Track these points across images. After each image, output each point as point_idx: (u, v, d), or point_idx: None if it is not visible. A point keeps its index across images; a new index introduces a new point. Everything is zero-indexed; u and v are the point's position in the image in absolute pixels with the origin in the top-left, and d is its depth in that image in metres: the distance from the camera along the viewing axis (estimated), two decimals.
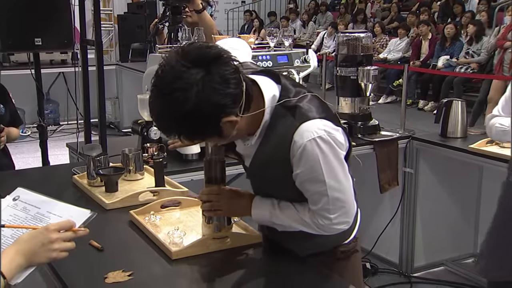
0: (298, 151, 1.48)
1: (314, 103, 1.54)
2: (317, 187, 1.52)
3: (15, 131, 3.09)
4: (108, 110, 7.37)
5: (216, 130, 1.43)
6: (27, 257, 1.26)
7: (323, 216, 1.55)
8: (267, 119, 1.53)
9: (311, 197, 1.56)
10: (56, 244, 1.28)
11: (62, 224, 1.30)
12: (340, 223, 1.57)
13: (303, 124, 1.48)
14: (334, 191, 1.52)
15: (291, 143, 1.48)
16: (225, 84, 1.38)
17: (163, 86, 1.40)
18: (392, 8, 11.64)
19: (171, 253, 1.66)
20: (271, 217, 1.65)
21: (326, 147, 1.48)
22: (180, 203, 2.07)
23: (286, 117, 1.51)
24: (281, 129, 1.51)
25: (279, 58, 3.03)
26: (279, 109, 1.52)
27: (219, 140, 1.53)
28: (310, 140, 1.47)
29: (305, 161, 1.49)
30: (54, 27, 3.31)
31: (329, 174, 1.50)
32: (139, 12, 9.46)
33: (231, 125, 1.44)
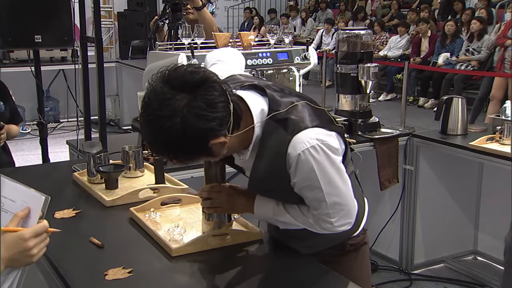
0: (293, 163, 1.49)
1: (304, 112, 1.53)
2: (315, 194, 1.53)
3: (15, 129, 3.09)
4: (108, 107, 7.36)
5: (205, 152, 1.44)
6: (7, 264, 1.28)
7: (324, 220, 1.57)
8: (259, 134, 1.53)
9: (311, 203, 1.58)
10: (34, 249, 1.29)
11: (37, 230, 1.30)
12: (342, 225, 1.59)
13: (295, 137, 1.48)
14: (332, 196, 1.53)
15: (285, 156, 1.49)
16: (211, 109, 1.38)
17: (149, 113, 1.41)
18: (393, 5, 11.63)
19: (171, 250, 1.66)
20: (274, 214, 1.65)
21: (319, 156, 1.48)
22: (180, 200, 2.07)
23: (278, 130, 1.51)
24: (274, 142, 1.52)
25: (279, 55, 3.03)
26: (270, 123, 1.52)
27: (211, 158, 1.55)
28: (303, 151, 1.47)
29: (300, 171, 1.50)
30: (54, 24, 3.31)
31: (324, 181, 1.51)
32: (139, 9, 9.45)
33: (221, 145, 1.44)
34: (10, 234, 1.28)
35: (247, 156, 1.58)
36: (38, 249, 1.30)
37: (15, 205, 1.33)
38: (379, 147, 3.34)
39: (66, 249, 1.72)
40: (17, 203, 1.33)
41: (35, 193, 1.33)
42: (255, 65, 2.96)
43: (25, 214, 1.31)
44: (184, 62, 2.73)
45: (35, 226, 1.30)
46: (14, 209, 1.32)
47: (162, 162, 2.28)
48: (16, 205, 1.33)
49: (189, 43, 2.78)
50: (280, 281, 1.59)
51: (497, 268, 3.47)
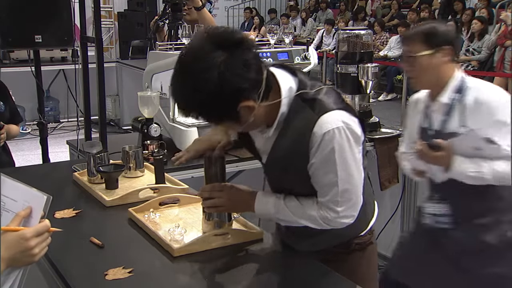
0: (316, 143, 1.51)
1: (331, 95, 1.57)
2: (329, 178, 1.54)
3: (15, 129, 3.09)
4: (108, 107, 7.37)
5: (233, 114, 1.45)
6: (8, 264, 1.27)
7: (330, 208, 1.58)
8: (285, 111, 1.55)
9: (322, 189, 1.58)
10: (36, 249, 1.29)
11: (39, 229, 1.30)
12: (346, 217, 1.59)
13: (322, 117, 1.51)
14: (345, 183, 1.55)
15: (310, 135, 1.51)
16: (246, 69, 1.41)
17: (186, 67, 1.43)
18: (393, 5, 11.64)
19: (173, 250, 1.66)
20: (275, 212, 1.65)
21: (341, 139, 1.51)
22: (179, 200, 2.07)
23: (305, 110, 1.53)
24: (300, 122, 1.54)
25: (279, 55, 3.03)
26: (297, 101, 1.55)
27: (236, 126, 1.54)
28: (328, 131, 1.49)
29: (321, 151, 1.51)
30: (54, 24, 3.31)
31: (341, 165, 1.53)
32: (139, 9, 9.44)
33: (249, 111, 1.45)
34: (12, 233, 1.28)
35: (270, 132, 1.58)
36: (39, 248, 1.30)
37: (17, 204, 1.33)
38: (379, 147, 3.34)
39: (66, 249, 1.72)
40: (18, 203, 1.33)
41: (37, 192, 1.33)
42: None
43: (27, 213, 1.31)
44: None
45: (36, 226, 1.30)
46: (16, 209, 1.32)
47: (162, 162, 2.28)
48: (17, 205, 1.33)
49: None
50: (282, 281, 1.60)
51: None
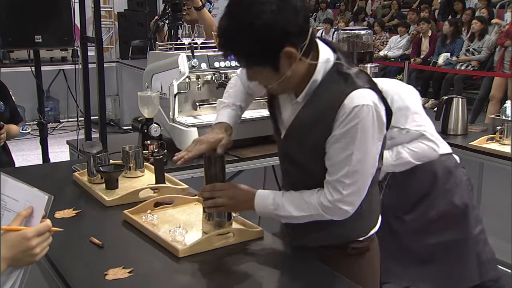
0: (344, 115, 1.50)
1: (363, 76, 1.59)
2: (344, 154, 1.53)
3: (15, 129, 3.09)
4: (108, 107, 7.37)
5: (276, 59, 1.47)
6: (9, 263, 1.28)
7: (336, 189, 1.56)
8: (317, 80, 1.56)
9: (333, 166, 1.56)
10: (37, 248, 1.29)
11: (40, 229, 1.30)
12: (348, 203, 1.57)
13: (354, 91, 1.51)
14: (357, 164, 1.53)
15: (339, 107, 1.51)
16: (297, 15, 1.45)
17: (240, 2, 1.48)
18: (393, 5, 11.64)
19: (178, 251, 1.66)
20: (275, 208, 1.65)
21: (368, 119, 1.51)
22: (173, 201, 2.06)
23: (338, 82, 1.54)
24: (330, 93, 1.54)
25: None
26: (331, 73, 1.56)
27: (273, 76, 1.53)
28: (358, 106, 1.50)
29: (345, 124, 1.51)
30: (54, 24, 3.31)
31: (360, 144, 1.52)
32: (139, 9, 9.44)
33: (289, 60, 1.48)
34: (13, 233, 1.28)
35: (301, 98, 1.59)
36: (40, 248, 1.30)
37: (18, 204, 1.33)
38: None
39: (66, 249, 1.72)
40: (20, 203, 1.34)
41: (38, 192, 1.33)
42: None
43: (28, 213, 1.31)
44: (184, 62, 2.74)
45: (38, 225, 1.31)
46: (17, 208, 1.33)
47: (162, 162, 2.28)
48: (19, 204, 1.33)
49: (189, 43, 2.78)
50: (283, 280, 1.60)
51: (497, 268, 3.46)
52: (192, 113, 2.93)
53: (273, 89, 1.62)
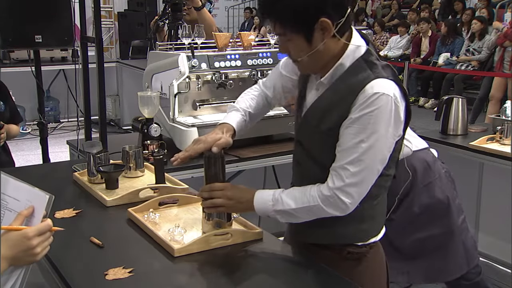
0: (362, 100, 1.51)
1: (390, 69, 1.60)
2: (354, 141, 1.52)
3: (15, 128, 3.09)
4: (108, 107, 7.37)
5: (311, 28, 1.51)
6: (10, 263, 1.28)
7: (338, 175, 1.55)
8: (344, 64, 1.58)
9: (341, 152, 1.55)
10: (38, 248, 1.29)
11: (41, 228, 1.30)
12: (347, 194, 1.55)
13: (378, 79, 1.52)
14: (365, 153, 1.52)
15: (360, 92, 1.52)
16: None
17: None
18: (393, 5, 11.64)
19: (174, 251, 1.66)
20: (273, 204, 1.64)
21: (386, 109, 1.51)
22: (178, 200, 2.07)
23: (364, 70, 1.56)
24: (354, 79, 1.55)
25: (279, 55, 3.03)
26: (359, 62, 1.57)
27: (304, 47, 1.55)
28: (378, 93, 1.50)
29: (362, 108, 1.51)
30: (55, 24, 3.32)
31: (372, 133, 1.51)
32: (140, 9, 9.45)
33: (322, 33, 1.51)
34: (14, 232, 1.28)
35: (325, 78, 1.61)
36: (41, 247, 1.30)
37: (19, 204, 1.34)
38: None
39: (67, 249, 1.72)
40: (21, 202, 1.34)
41: (39, 192, 1.33)
42: (255, 65, 2.96)
43: (29, 212, 1.32)
44: (184, 62, 2.74)
45: (39, 225, 1.31)
46: (18, 208, 1.33)
47: (162, 162, 2.28)
48: (20, 204, 1.34)
49: (189, 43, 2.78)
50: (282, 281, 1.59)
51: (497, 268, 3.47)
52: (192, 113, 2.93)
53: (302, 63, 1.61)
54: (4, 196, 1.35)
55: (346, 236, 1.70)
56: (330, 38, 1.53)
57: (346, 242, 1.71)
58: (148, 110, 2.66)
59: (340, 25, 1.52)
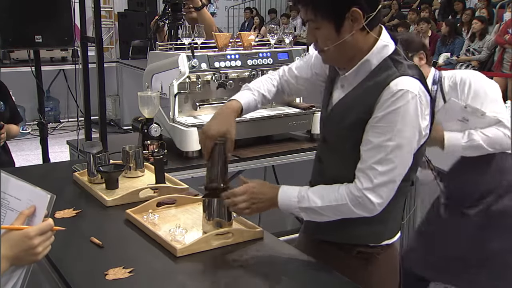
0: (386, 96, 1.49)
1: (416, 68, 1.59)
2: (381, 140, 1.51)
3: (15, 128, 3.09)
4: (108, 107, 7.37)
5: (341, 16, 1.51)
6: (12, 262, 1.28)
7: (367, 176, 1.53)
8: (370, 61, 1.57)
9: (367, 152, 1.53)
10: (39, 247, 1.29)
11: (42, 228, 1.30)
12: (377, 195, 1.53)
13: (403, 76, 1.51)
14: (393, 151, 1.50)
15: (384, 88, 1.51)
16: None
17: None
18: (393, 5, 11.63)
19: (176, 251, 1.66)
20: (298, 201, 1.62)
21: (412, 106, 1.49)
22: (176, 200, 2.07)
23: (390, 68, 1.55)
24: (380, 77, 1.55)
25: (279, 56, 3.03)
26: (386, 60, 1.56)
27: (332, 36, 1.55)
28: (403, 90, 1.49)
29: (387, 106, 1.49)
30: (55, 24, 3.32)
31: (399, 132, 1.50)
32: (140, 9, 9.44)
33: (352, 24, 1.51)
34: (15, 232, 1.28)
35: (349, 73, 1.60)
36: (43, 247, 1.30)
37: (21, 203, 1.34)
38: None
39: (67, 249, 1.72)
40: (22, 202, 1.34)
41: (41, 191, 1.34)
42: (255, 65, 2.96)
43: (31, 212, 1.32)
44: (184, 62, 2.74)
45: (40, 224, 1.31)
46: (20, 208, 1.33)
47: (162, 162, 2.28)
48: (21, 204, 1.34)
49: (189, 43, 2.78)
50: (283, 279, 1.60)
51: None
52: (192, 113, 2.93)
53: (328, 53, 1.60)
54: (6, 196, 1.35)
55: (359, 237, 1.69)
56: (359, 31, 1.53)
57: (358, 243, 1.70)
58: (148, 110, 2.66)
59: (371, 18, 1.52)
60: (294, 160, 2.95)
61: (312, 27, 1.58)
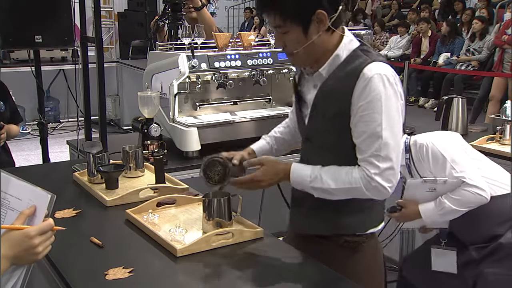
0: (364, 83, 1.58)
1: (383, 58, 1.69)
2: (373, 127, 1.58)
3: (15, 129, 3.09)
4: (108, 107, 7.37)
5: (307, 19, 1.61)
6: (12, 262, 1.28)
7: (371, 163, 1.59)
8: (340, 55, 1.67)
9: (364, 142, 1.60)
10: (40, 247, 1.29)
11: (43, 227, 1.31)
12: (385, 179, 1.59)
13: (374, 62, 1.61)
14: (388, 135, 1.58)
15: (359, 75, 1.59)
16: None
17: None
18: (393, 5, 11.63)
19: (176, 251, 1.66)
20: (311, 180, 1.67)
21: (390, 88, 1.58)
22: (176, 200, 2.07)
23: (361, 57, 1.65)
24: (352, 65, 1.64)
25: (279, 55, 3.03)
26: (355, 51, 1.67)
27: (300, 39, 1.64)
28: (378, 74, 1.58)
29: (367, 93, 1.58)
30: (55, 24, 3.32)
31: (386, 115, 1.58)
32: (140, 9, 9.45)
33: (318, 26, 1.62)
34: (16, 232, 1.29)
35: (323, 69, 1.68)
36: (43, 247, 1.31)
37: (21, 203, 1.34)
38: None
39: (67, 249, 1.72)
40: (23, 201, 1.34)
41: (41, 191, 1.34)
42: (255, 65, 2.96)
43: (31, 212, 1.32)
44: (184, 62, 2.74)
45: (40, 224, 1.31)
46: (20, 207, 1.33)
47: (162, 162, 2.28)
48: (22, 203, 1.34)
49: (189, 43, 2.78)
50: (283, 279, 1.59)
51: None
52: (192, 113, 2.93)
53: (298, 56, 1.68)
54: (6, 195, 1.36)
55: (345, 227, 1.76)
56: (325, 31, 1.63)
57: (345, 232, 1.77)
58: (148, 110, 2.66)
59: (334, 19, 1.63)
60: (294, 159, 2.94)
61: (280, 32, 1.67)
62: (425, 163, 2.34)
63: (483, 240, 2.36)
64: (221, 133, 2.83)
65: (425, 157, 2.33)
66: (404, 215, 2.37)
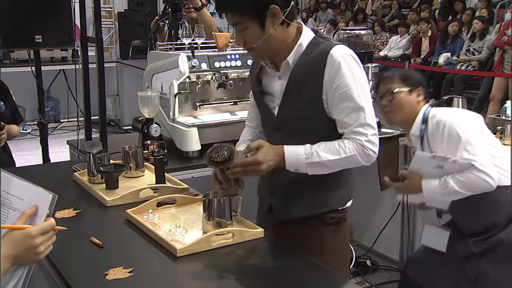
0: (334, 64, 1.74)
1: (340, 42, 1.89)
2: (353, 101, 1.75)
3: (16, 129, 3.09)
4: (108, 107, 7.38)
5: (262, 13, 1.73)
6: (13, 261, 1.28)
7: (360, 133, 1.75)
8: (303, 44, 1.81)
9: (348, 116, 1.76)
10: (41, 247, 1.30)
11: (44, 227, 1.31)
12: (373, 144, 1.77)
13: (337, 45, 1.78)
14: (366, 106, 1.76)
15: (327, 57, 1.75)
16: None
17: None
18: (393, 5, 11.63)
19: (176, 251, 1.66)
20: (307, 157, 1.76)
21: (356, 64, 1.77)
22: (176, 200, 2.07)
23: (322, 42, 1.81)
24: (317, 50, 1.79)
25: None
26: (315, 38, 1.83)
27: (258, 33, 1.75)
28: (344, 55, 1.75)
29: (341, 74, 1.74)
30: (55, 24, 3.32)
31: (361, 88, 1.76)
32: (140, 9, 9.45)
33: (273, 20, 1.74)
34: (18, 231, 1.29)
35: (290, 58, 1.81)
36: (44, 246, 1.31)
37: (23, 203, 1.34)
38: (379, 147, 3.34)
39: (67, 249, 1.72)
40: (24, 201, 1.34)
41: (43, 191, 1.34)
42: None
43: (33, 212, 1.32)
44: (184, 62, 2.74)
45: (42, 224, 1.31)
46: (22, 207, 1.33)
47: (162, 162, 2.28)
48: (23, 203, 1.34)
49: (189, 43, 2.78)
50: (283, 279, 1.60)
51: None
52: (192, 113, 2.93)
53: (257, 50, 1.79)
54: (8, 195, 1.36)
55: (327, 204, 1.89)
56: (280, 25, 1.76)
57: (328, 209, 1.89)
58: (148, 110, 2.66)
59: (287, 13, 1.75)
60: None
61: (239, 29, 1.79)
62: (439, 139, 2.30)
63: (481, 230, 2.33)
64: (221, 133, 2.83)
65: (440, 134, 2.29)
66: (406, 186, 2.35)
